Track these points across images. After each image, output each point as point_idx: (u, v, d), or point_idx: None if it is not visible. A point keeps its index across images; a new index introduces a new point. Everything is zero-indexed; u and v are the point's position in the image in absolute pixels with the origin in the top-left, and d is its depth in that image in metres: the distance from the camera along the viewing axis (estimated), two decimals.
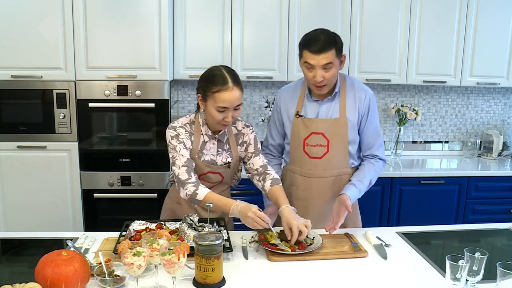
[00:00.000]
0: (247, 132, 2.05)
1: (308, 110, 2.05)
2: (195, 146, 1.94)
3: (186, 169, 1.84)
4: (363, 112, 2.03)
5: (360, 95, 2.03)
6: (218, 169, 1.98)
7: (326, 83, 1.94)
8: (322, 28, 1.95)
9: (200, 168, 1.96)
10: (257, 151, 2.04)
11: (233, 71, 1.88)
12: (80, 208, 3.05)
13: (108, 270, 1.48)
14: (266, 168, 2.00)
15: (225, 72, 1.83)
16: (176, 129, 1.92)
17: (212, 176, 1.99)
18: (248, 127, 2.07)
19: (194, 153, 1.94)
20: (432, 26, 3.32)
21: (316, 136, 2.03)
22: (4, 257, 1.84)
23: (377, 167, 2.07)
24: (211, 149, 1.97)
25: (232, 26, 3.18)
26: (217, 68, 1.86)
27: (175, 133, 1.91)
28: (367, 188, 2.03)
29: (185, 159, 1.86)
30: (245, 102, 3.64)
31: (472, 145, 3.78)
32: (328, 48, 1.86)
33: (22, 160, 2.97)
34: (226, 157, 1.99)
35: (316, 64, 1.88)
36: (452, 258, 1.40)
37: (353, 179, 2.01)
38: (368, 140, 2.07)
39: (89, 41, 2.90)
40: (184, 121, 1.96)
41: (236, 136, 2.03)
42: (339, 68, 1.96)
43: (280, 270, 1.63)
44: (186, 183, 1.82)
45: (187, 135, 1.93)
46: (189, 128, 1.95)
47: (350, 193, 1.93)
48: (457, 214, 3.34)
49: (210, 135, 1.96)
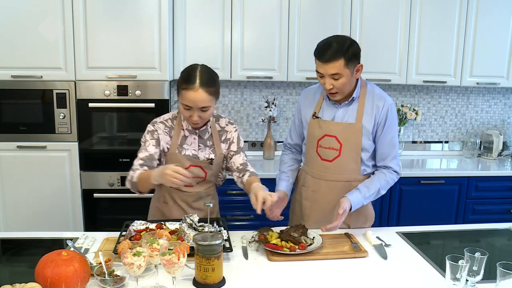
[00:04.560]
0: (230, 130, 2.07)
1: (325, 113, 2.05)
2: (174, 140, 1.97)
3: (141, 162, 1.91)
4: (380, 121, 1.99)
5: (378, 103, 1.99)
6: (200, 163, 2.00)
7: (337, 91, 1.93)
8: (337, 35, 1.94)
9: (182, 163, 1.96)
10: (239, 149, 2.06)
11: (210, 74, 1.88)
12: (80, 208, 3.05)
13: (108, 270, 1.48)
14: (246, 165, 2.04)
15: (198, 72, 1.85)
16: (155, 124, 1.99)
17: (195, 170, 1.99)
18: (231, 124, 2.09)
19: (174, 148, 1.97)
20: (432, 26, 3.32)
21: (329, 138, 2.02)
22: (4, 257, 1.84)
23: (389, 178, 2.02)
24: (192, 144, 1.99)
25: (232, 26, 3.18)
26: (195, 66, 1.89)
27: (152, 129, 1.98)
28: (374, 197, 2.00)
29: (147, 154, 1.93)
30: (245, 102, 3.64)
31: (472, 145, 3.78)
32: (336, 58, 1.85)
33: (22, 160, 2.97)
34: (209, 153, 2.01)
35: (325, 73, 1.89)
36: (452, 258, 1.40)
37: (360, 185, 1.99)
38: (382, 150, 2.02)
39: (89, 41, 2.90)
40: (166, 117, 2.02)
41: (219, 133, 2.05)
42: (353, 76, 1.92)
43: (280, 270, 1.63)
44: (131, 171, 1.90)
45: (167, 130, 1.98)
46: (170, 123, 2.00)
47: (352, 197, 1.92)
48: (457, 214, 3.33)
49: (191, 130, 1.99)
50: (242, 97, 3.64)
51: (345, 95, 1.99)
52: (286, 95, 3.67)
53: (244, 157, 2.07)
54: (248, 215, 3.13)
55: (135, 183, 1.88)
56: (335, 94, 1.96)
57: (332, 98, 2.00)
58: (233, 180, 3.06)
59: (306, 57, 3.13)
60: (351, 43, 1.89)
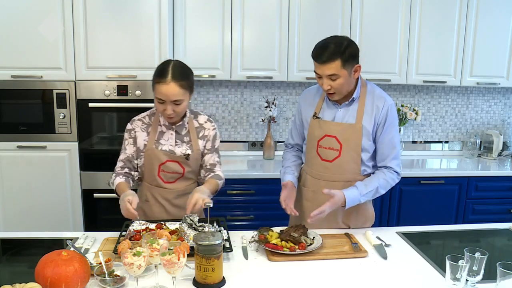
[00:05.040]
0: (208, 127, 2.10)
1: (325, 113, 2.05)
2: (151, 136, 2.03)
3: (121, 164, 2.06)
4: (379, 121, 1.99)
5: (378, 103, 1.99)
6: (177, 158, 2.03)
7: (335, 92, 1.93)
8: (336, 36, 1.94)
9: (158, 157, 2.01)
10: (213, 149, 2.10)
11: (182, 68, 1.95)
12: (80, 208, 3.05)
13: (108, 270, 1.48)
14: (214, 166, 2.08)
15: (170, 66, 1.91)
16: (133, 123, 2.07)
17: (172, 165, 2.03)
18: (210, 122, 2.12)
19: (151, 143, 2.02)
20: (432, 26, 3.32)
21: (330, 138, 2.02)
22: (4, 257, 1.84)
23: (388, 177, 2.01)
24: (169, 139, 2.04)
25: (232, 26, 3.18)
26: (169, 61, 1.96)
27: (130, 127, 2.07)
28: (372, 195, 1.99)
29: (126, 155, 2.05)
30: (245, 102, 3.64)
31: (472, 145, 3.78)
32: (332, 59, 1.85)
33: (22, 160, 2.97)
34: (186, 149, 2.04)
35: (322, 74, 1.90)
36: (452, 258, 1.40)
37: (358, 182, 1.99)
38: (382, 151, 2.02)
39: (89, 41, 2.90)
40: (144, 114, 2.10)
41: (197, 130, 2.08)
42: (351, 77, 1.92)
43: (280, 270, 1.63)
44: (113, 173, 2.04)
45: (144, 126, 2.05)
46: (148, 120, 2.07)
47: (348, 193, 1.92)
48: (457, 214, 3.33)
49: (168, 126, 2.04)
50: (242, 97, 3.64)
51: (343, 96, 1.99)
52: (286, 95, 3.67)
53: (216, 158, 2.10)
54: (248, 215, 3.14)
55: (115, 189, 2.01)
56: (333, 95, 1.96)
57: (331, 98, 2.01)
58: (233, 180, 3.10)
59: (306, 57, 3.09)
60: (349, 44, 1.89)
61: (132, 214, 1.77)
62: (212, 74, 3.24)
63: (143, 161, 2.04)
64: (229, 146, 3.69)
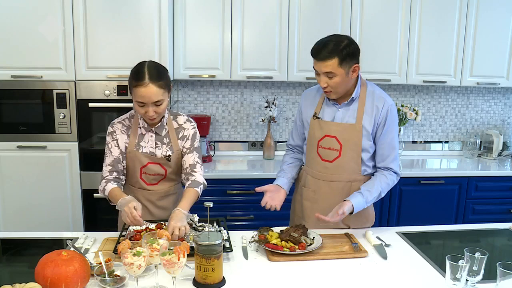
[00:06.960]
0: (188, 127, 2.08)
1: (325, 113, 2.05)
2: (132, 139, 2.01)
3: (109, 168, 1.99)
4: (379, 122, 1.99)
5: (378, 104, 1.98)
6: (158, 160, 2.02)
7: (332, 90, 1.94)
8: (337, 35, 1.94)
9: (140, 160, 2.01)
10: (192, 147, 2.06)
11: (158, 68, 1.92)
12: (80, 208, 3.05)
13: (108, 270, 1.48)
14: (193, 168, 2.03)
15: (146, 68, 1.88)
16: (114, 125, 2.04)
17: (154, 167, 2.02)
18: (190, 122, 2.10)
19: (132, 146, 2.01)
20: (432, 26, 3.32)
21: (330, 139, 2.02)
22: (4, 257, 1.84)
23: (389, 180, 2.02)
24: (149, 141, 2.02)
25: (232, 26, 3.18)
26: (143, 63, 1.93)
27: (111, 130, 2.03)
28: (375, 200, 2.00)
29: (113, 158, 2.00)
30: (245, 102, 3.64)
31: (472, 145, 3.78)
32: (329, 57, 1.85)
33: (22, 160, 2.97)
34: (166, 151, 2.03)
35: (319, 71, 1.91)
36: (452, 258, 1.40)
37: (363, 188, 1.98)
38: (382, 151, 2.02)
39: (89, 41, 2.90)
40: (124, 117, 2.07)
41: (177, 130, 2.06)
42: (349, 76, 1.92)
43: (280, 270, 1.63)
44: (102, 180, 1.97)
45: (124, 129, 2.03)
46: (128, 122, 2.04)
47: (355, 201, 1.92)
48: (457, 214, 3.33)
49: (147, 128, 2.02)
50: (242, 97, 3.64)
51: (340, 95, 1.99)
52: (286, 95, 3.67)
53: (196, 157, 2.05)
54: (248, 215, 3.13)
55: (107, 196, 1.95)
56: (330, 93, 1.97)
57: (328, 97, 2.01)
58: (233, 180, 3.10)
59: (306, 57, 3.09)
60: (349, 43, 1.89)
61: (139, 221, 1.74)
62: (212, 74, 3.24)
63: (125, 164, 2.04)
64: (229, 146, 3.69)
